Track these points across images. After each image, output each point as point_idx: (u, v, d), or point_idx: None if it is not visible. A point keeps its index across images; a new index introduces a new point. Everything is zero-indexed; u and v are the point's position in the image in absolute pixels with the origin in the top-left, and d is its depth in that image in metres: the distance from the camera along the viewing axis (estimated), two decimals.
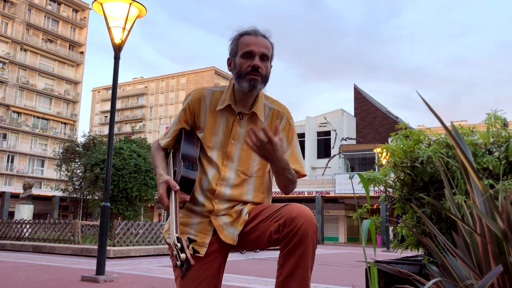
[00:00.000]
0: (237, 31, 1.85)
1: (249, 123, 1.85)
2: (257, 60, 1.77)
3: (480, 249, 1.31)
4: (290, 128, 1.91)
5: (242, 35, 1.82)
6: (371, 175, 2.59)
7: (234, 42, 1.84)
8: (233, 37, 1.85)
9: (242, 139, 1.84)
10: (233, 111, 1.84)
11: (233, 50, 1.83)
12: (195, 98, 1.88)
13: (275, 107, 1.91)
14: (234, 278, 6.27)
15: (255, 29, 1.83)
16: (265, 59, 1.80)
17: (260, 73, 1.77)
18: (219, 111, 1.85)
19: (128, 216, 14.57)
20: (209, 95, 1.88)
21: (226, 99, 1.84)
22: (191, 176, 1.74)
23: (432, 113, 1.19)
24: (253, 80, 1.77)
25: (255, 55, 1.77)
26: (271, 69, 1.86)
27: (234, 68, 1.82)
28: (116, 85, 6.22)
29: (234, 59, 1.83)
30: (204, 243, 1.79)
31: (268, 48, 1.81)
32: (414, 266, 2.32)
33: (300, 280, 1.60)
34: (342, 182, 30.05)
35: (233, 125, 1.84)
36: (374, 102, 43.08)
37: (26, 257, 9.77)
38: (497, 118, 2.50)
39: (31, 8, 52.68)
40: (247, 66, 1.77)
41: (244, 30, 1.84)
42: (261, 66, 1.77)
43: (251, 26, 1.85)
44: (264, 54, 1.79)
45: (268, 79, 1.83)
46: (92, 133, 19.88)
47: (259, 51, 1.77)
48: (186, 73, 77.94)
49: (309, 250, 1.59)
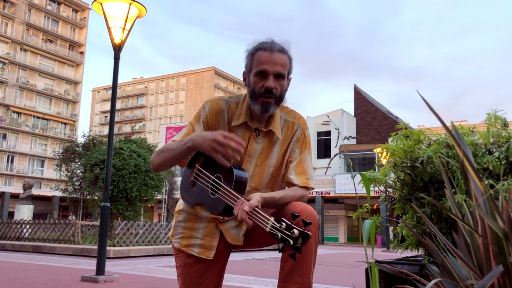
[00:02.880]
0: (252, 44, 1.75)
1: (265, 139, 1.80)
2: (270, 81, 1.68)
3: (481, 249, 1.31)
4: (305, 140, 1.85)
5: (257, 50, 1.73)
6: (371, 175, 2.59)
7: (249, 57, 1.75)
8: (248, 51, 1.75)
9: (257, 155, 1.79)
10: (249, 127, 1.78)
11: (248, 66, 1.75)
12: (213, 111, 1.80)
13: (290, 118, 1.85)
14: (234, 278, 6.27)
15: (271, 43, 1.72)
16: (280, 78, 1.71)
17: (274, 94, 1.70)
18: (235, 126, 1.78)
19: (128, 216, 14.56)
20: (226, 108, 1.80)
21: (242, 114, 1.78)
22: (243, 175, 1.68)
23: (432, 113, 1.19)
24: (266, 104, 1.70)
25: (269, 75, 1.69)
26: (289, 83, 1.78)
27: (249, 86, 1.75)
28: (116, 85, 6.21)
29: (248, 76, 1.75)
30: (212, 246, 1.79)
31: (284, 65, 1.71)
32: (414, 266, 2.32)
33: (302, 274, 1.61)
34: (342, 182, 30.04)
35: (249, 141, 1.79)
36: (374, 102, 43.07)
37: (26, 257, 9.76)
38: (497, 118, 2.50)
39: (31, 8, 52.66)
40: (261, 87, 1.69)
41: (260, 43, 1.74)
42: (275, 87, 1.69)
43: (268, 38, 1.75)
44: (279, 73, 1.70)
45: (283, 97, 1.75)
46: (92, 133, 19.86)
47: (273, 70, 1.69)
48: (186, 73, 77.94)
49: (311, 244, 1.60)
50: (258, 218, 1.49)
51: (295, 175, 1.78)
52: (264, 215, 1.47)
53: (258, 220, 1.48)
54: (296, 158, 1.81)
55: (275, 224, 1.42)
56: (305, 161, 1.83)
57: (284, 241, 1.39)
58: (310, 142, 1.91)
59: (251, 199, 1.55)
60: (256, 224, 1.51)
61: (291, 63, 1.76)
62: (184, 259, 1.82)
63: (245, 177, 1.69)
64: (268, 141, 1.80)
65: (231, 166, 1.68)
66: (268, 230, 1.43)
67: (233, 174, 1.64)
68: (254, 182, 1.78)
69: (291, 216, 1.43)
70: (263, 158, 1.80)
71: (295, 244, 1.38)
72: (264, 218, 1.46)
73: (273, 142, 1.81)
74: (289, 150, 1.83)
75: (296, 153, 1.82)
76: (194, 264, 1.79)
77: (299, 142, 1.84)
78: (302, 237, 1.38)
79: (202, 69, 77.17)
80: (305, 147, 1.85)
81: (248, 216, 1.51)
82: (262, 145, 1.80)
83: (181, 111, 75.39)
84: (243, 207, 1.52)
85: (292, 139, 1.84)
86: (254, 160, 1.79)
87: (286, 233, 1.39)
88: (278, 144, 1.82)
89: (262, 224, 1.46)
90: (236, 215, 1.55)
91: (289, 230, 1.39)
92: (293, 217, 1.43)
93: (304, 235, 1.38)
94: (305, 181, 1.79)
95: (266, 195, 1.63)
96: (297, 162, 1.81)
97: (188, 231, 1.83)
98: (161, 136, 43.85)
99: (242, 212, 1.51)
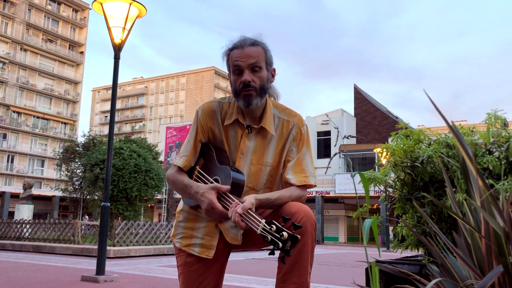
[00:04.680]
0: (226, 46, 1.78)
1: (257, 137, 1.80)
2: (246, 75, 1.70)
3: (483, 249, 1.31)
4: (301, 137, 1.83)
5: (231, 50, 1.76)
6: (372, 175, 2.59)
7: (225, 59, 1.79)
8: (224, 53, 1.79)
9: (251, 153, 1.79)
10: (242, 124, 1.80)
11: (227, 67, 1.79)
12: (206, 114, 1.82)
13: (285, 116, 1.85)
14: (234, 278, 6.27)
15: (242, 40, 1.76)
16: (257, 69, 1.72)
17: (253, 87, 1.71)
18: (229, 125, 1.80)
19: (128, 216, 14.56)
20: (218, 109, 1.82)
21: (234, 113, 1.79)
22: (241, 178, 1.71)
23: (437, 111, 1.19)
24: (247, 97, 1.71)
25: (243, 70, 1.71)
26: (273, 74, 1.80)
27: (231, 85, 1.78)
28: (116, 85, 6.21)
29: (230, 77, 1.79)
30: (212, 245, 1.80)
31: (257, 56, 1.73)
32: (414, 266, 2.32)
33: (300, 274, 1.61)
34: (342, 182, 30.06)
35: (241, 138, 1.79)
36: (374, 102, 43.08)
37: (26, 257, 9.76)
38: (497, 118, 2.50)
39: (31, 8, 52.65)
40: (239, 83, 1.72)
41: (232, 43, 1.77)
42: (252, 79, 1.71)
43: (240, 36, 1.78)
44: (253, 65, 1.71)
45: (266, 88, 1.76)
46: (92, 133, 19.88)
47: (246, 64, 1.71)
48: (186, 73, 77.94)
49: (308, 244, 1.60)
50: (250, 220, 1.50)
51: (293, 174, 1.77)
52: (256, 217, 1.49)
53: (250, 222, 1.50)
54: (294, 157, 1.80)
55: (266, 226, 1.43)
56: (303, 159, 1.81)
57: (274, 243, 1.40)
58: (309, 139, 1.88)
59: (245, 201, 1.56)
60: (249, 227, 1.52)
61: (267, 54, 1.77)
62: (184, 259, 1.83)
63: (242, 180, 1.71)
64: (261, 139, 1.80)
65: (230, 168, 1.69)
66: (259, 232, 1.44)
67: (231, 176, 1.67)
68: (251, 182, 1.78)
69: (282, 219, 1.44)
70: (258, 156, 1.79)
71: (284, 247, 1.39)
72: (255, 220, 1.48)
73: (267, 139, 1.80)
74: (286, 149, 1.82)
75: (294, 152, 1.81)
76: (194, 263, 1.80)
77: (295, 141, 1.83)
78: (291, 240, 1.38)
79: (202, 69, 77.15)
80: (303, 144, 1.83)
81: (241, 218, 1.52)
82: (255, 142, 1.80)
83: (181, 111, 75.38)
84: (236, 209, 1.54)
85: (288, 138, 1.83)
86: (248, 157, 1.79)
87: (275, 236, 1.40)
88: (273, 142, 1.81)
89: (254, 226, 1.48)
90: (230, 217, 1.56)
91: (279, 232, 1.40)
92: (284, 220, 1.44)
93: (293, 238, 1.38)
94: (303, 179, 1.77)
95: (261, 196, 1.63)
96: (295, 161, 1.80)
97: (188, 231, 1.84)
98: (161, 136, 43.82)
99: (235, 214, 1.53)
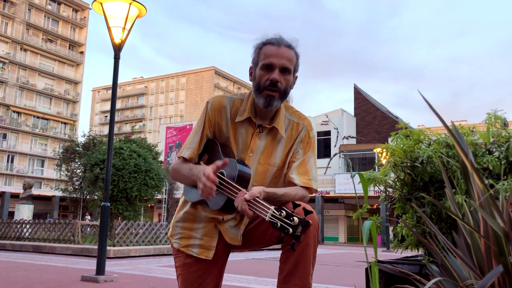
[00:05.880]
0: (260, 39, 1.76)
1: (268, 136, 1.80)
2: (276, 74, 1.69)
3: (483, 249, 1.31)
4: (309, 141, 1.84)
5: (264, 44, 1.74)
6: (371, 175, 2.58)
7: (256, 51, 1.76)
8: (256, 46, 1.77)
9: (260, 153, 1.78)
10: (253, 123, 1.79)
11: (255, 60, 1.77)
12: (216, 108, 1.80)
13: (295, 119, 1.85)
14: (234, 278, 6.26)
15: (279, 38, 1.74)
16: (286, 72, 1.72)
17: (278, 88, 1.70)
18: (239, 122, 1.79)
19: (128, 216, 14.56)
20: (229, 105, 1.81)
21: (246, 110, 1.78)
22: (247, 171, 1.68)
23: (433, 112, 1.19)
24: (270, 97, 1.70)
25: (275, 68, 1.70)
26: (295, 81, 1.79)
27: (254, 79, 1.76)
28: (116, 85, 6.21)
29: (255, 70, 1.76)
30: (211, 246, 1.79)
31: (290, 60, 1.72)
32: (414, 266, 2.32)
33: (302, 275, 1.60)
34: (342, 182, 30.04)
35: (252, 137, 1.78)
36: (374, 102, 43.05)
37: (26, 257, 9.76)
38: (497, 118, 2.49)
39: (31, 8, 52.65)
40: (266, 80, 1.70)
41: (268, 39, 1.75)
42: (280, 80, 1.70)
43: (276, 34, 1.76)
44: (285, 67, 1.70)
45: (288, 93, 1.76)
46: (92, 133, 19.87)
47: (279, 64, 1.70)
48: (186, 73, 77.93)
49: (310, 245, 1.59)
50: (258, 207, 1.47)
51: (297, 175, 1.77)
52: (264, 204, 1.45)
53: (258, 210, 1.46)
54: (299, 158, 1.80)
55: (275, 212, 1.40)
56: (308, 162, 1.81)
57: (284, 229, 1.37)
58: (315, 144, 1.89)
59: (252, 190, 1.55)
60: (256, 214, 1.49)
61: (297, 60, 1.77)
62: (183, 259, 1.81)
63: (248, 173, 1.68)
64: (271, 139, 1.80)
65: (236, 161, 1.67)
66: (268, 219, 1.41)
67: (237, 169, 1.64)
68: (256, 181, 1.77)
69: (292, 205, 1.41)
70: (266, 156, 1.79)
71: (294, 232, 1.35)
72: (264, 207, 1.44)
73: (277, 140, 1.80)
74: (292, 151, 1.82)
75: (300, 154, 1.81)
76: (193, 264, 1.79)
77: (303, 143, 1.83)
78: (302, 225, 1.35)
79: (202, 68, 77.15)
80: (309, 148, 1.84)
81: (249, 205, 1.49)
82: (265, 142, 1.79)
83: (181, 111, 75.37)
84: (243, 196, 1.51)
85: (296, 140, 1.83)
86: (257, 156, 1.78)
87: (285, 221, 1.37)
88: (282, 143, 1.81)
89: (262, 213, 1.45)
90: (237, 207, 1.54)
91: (289, 218, 1.37)
92: (294, 206, 1.41)
93: (305, 223, 1.35)
94: (307, 181, 1.77)
95: (268, 189, 1.62)
96: (300, 162, 1.79)
97: (186, 231, 1.82)
98: (161, 135, 43.81)
99: (243, 202, 1.50)
